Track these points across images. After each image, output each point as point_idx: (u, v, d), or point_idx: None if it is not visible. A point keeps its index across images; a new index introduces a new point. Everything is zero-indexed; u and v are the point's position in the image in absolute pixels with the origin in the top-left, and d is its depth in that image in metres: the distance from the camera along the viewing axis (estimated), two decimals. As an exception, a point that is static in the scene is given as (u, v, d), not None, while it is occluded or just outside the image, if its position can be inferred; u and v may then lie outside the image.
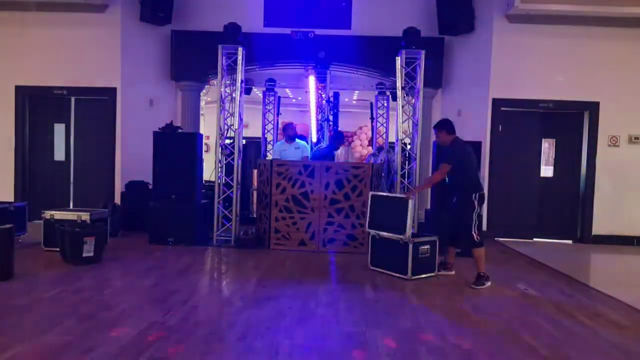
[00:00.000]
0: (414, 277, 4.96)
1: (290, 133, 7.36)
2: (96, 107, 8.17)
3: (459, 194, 5.01)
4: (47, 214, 5.88)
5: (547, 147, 8.18)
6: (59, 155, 8.30)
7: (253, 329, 3.46)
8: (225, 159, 6.78)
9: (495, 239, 7.76)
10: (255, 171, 8.59)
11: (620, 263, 6.98)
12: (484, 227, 7.40)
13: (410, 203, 5.00)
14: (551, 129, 8.13)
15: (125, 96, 8.00)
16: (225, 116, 6.77)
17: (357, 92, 11.70)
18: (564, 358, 3.15)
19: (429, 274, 5.12)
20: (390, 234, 5.13)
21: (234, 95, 6.73)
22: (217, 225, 6.68)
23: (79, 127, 8.28)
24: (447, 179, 5.08)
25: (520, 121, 8.07)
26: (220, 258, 6.01)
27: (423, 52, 6.60)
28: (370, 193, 5.55)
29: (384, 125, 10.02)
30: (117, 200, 7.66)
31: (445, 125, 5.13)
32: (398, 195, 5.49)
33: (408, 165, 7.04)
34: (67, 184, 8.30)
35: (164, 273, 5.03)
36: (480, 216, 5.16)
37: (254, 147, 10.21)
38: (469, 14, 7.95)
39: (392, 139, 8.60)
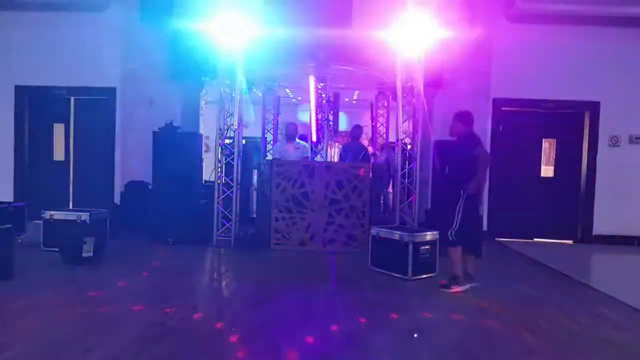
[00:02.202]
0: (414, 277, 4.95)
1: (290, 133, 7.36)
2: (96, 107, 8.16)
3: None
4: (47, 214, 5.86)
5: (547, 147, 8.17)
6: (59, 155, 8.29)
7: (253, 329, 3.46)
8: (225, 159, 6.78)
9: (495, 239, 7.76)
10: (255, 171, 8.59)
11: (620, 263, 6.97)
12: (484, 227, 7.38)
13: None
14: (551, 129, 8.12)
15: (125, 96, 7.99)
16: (225, 116, 6.77)
17: (357, 92, 11.68)
18: (564, 358, 3.15)
19: (429, 274, 5.11)
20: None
21: (234, 95, 6.73)
22: (217, 225, 6.67)
23: (79, 127, 8.27)
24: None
25: (520, 121, 8.06)
26: (220, 258, 6.00)
27: (423, 51, 6.59)
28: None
29: (384, 125, 10.01)
30: (117, 200, 7.65)
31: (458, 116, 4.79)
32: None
33: (408, 166, 7.03)
34: (67, 184, 8.29)
35: (164, 273, 5.03)
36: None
37: (254, 147, 10.19)
38: (469, 13, 7.93)
39: (392, 138, 8.59)
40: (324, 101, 8.50)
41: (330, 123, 8.66)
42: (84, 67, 7.86)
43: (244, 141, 7.79)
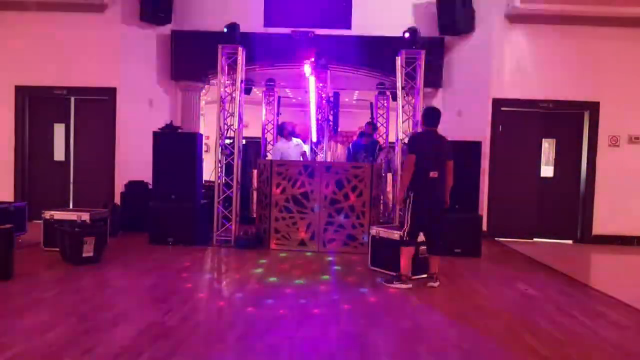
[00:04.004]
0: (413, 277, 4.95)
1: (288, 131, 7.44)
2: (96, 107, 8.17)
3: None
4: (47, 214, 5.87)
5: (547, 147, 8.17)
6: (59, 155, 8.29)
7: (253, 329, 3.46)
8: (225, 159, 6.78)
9: (495, 239, 7.76)
10: (255, 171, 8.60)
11: (620, 263, 6.98)
12: (484, 227, 7.38)
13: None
14: (551, 129, 8.12)
15: (125, 96, 8.00)
16: (225, 116, 6.77)
17: (357, 92, 11.69)
18: (564, 358, 3.15)
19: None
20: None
21: (234, 95, 6.73)
22: (217, 225, 6.68)
23: (79, 127, 8.28)
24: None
25: (520, 121, 8.06)
26: (220, 258, 6.01)
27: (423, 52, 6.59)
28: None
29: (384, 125, 10.01)
30: (117, 200, 7.66)
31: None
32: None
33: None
34: (67, 184, 8.29)
35: (164, 273, 5.03)
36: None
37: (254, 147, 10.20)
38: (469, 13, 7.94)
39: (392, 139, 8.59)
40: (324, 101, 8.50)
41: (330, 123, 8.65)
42: (84, 67, 7.87)
43: (244, 141, 7.81)
